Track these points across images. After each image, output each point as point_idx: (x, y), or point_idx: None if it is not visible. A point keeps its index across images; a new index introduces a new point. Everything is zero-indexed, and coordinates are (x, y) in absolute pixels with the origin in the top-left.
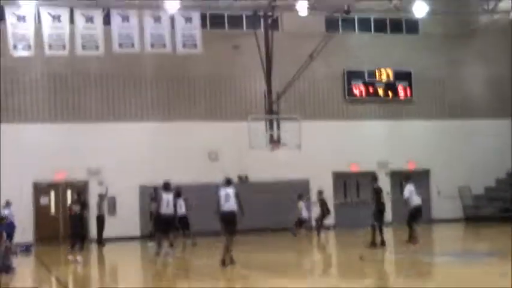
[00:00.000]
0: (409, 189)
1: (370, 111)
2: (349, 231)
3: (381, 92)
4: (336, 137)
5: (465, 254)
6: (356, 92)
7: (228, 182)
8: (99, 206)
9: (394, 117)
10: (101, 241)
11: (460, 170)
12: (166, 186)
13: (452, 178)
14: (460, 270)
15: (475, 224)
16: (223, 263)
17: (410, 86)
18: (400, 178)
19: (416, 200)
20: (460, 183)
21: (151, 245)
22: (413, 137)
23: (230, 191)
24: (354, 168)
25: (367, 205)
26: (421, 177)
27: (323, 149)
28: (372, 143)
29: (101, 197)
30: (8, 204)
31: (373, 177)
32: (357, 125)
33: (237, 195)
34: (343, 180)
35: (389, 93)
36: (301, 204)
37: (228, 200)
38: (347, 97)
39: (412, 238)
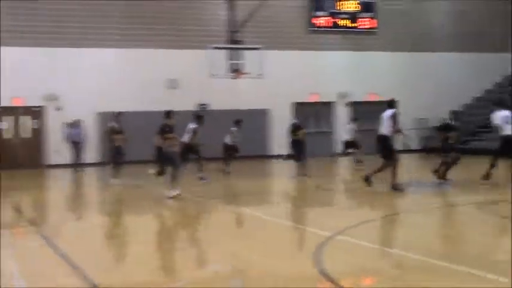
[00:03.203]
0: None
1: (332, 42)
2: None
3: (344, 22)
4: (297, 67)
5: (422, 183)
6: (319, 22)
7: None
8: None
9: (357, 48)
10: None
11: (420, 102)
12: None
13: (412, 110)
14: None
15: (431, 155)
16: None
17: (374, 17)
18: (357, 109)
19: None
20: (420, 115)
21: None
22: (376, 69)
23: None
24: (314, 99)
25: (325, 135)
26: (382, 109)
27: (284, 78)
28: (333, 73)
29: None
30: None
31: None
32: (319, 56)
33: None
34: (303, 111)
35: (353, 24)
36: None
37: (383, 124)
38: (310, 27)
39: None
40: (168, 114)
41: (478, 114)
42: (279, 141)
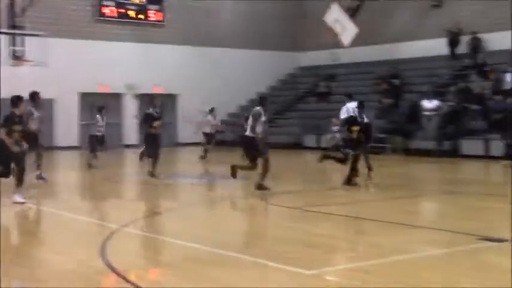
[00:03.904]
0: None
1: (121, 33)
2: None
3: (132, 14)
4: (84, 56)
5: (206, 177)
6: (107, 12)
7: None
8: None
9: (145, 40)
10: None
11: (207, 95)
12: None
13: (198, 103)
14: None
15: (216, 148)
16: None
17: (161, 10)
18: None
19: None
20: (206, 109)
21: None
22: (163, 62)
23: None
24: (102, 90)
25: (113, 126)
26: (168, 102)
27: (70, 68)
28: (121, 65)
29: None
30: None
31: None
32: (106, 46)
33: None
34: (89, 101)
35: (141, 15)
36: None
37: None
38: (98, 16)
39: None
40: (16, 101)
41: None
42: (64, 132)
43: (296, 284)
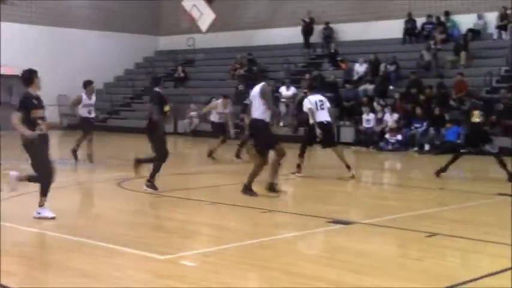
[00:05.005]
0: None
1: None
2: None
3: None
4: None
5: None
6: None
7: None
8: None
9: None
10: None
11: (60, 78)
12: None
13: (51, 86)
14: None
15: (71, 132)
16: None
17: None
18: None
19: None
20: (60, 92)
21: None
22: (11, 41)
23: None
24: None
25: None
26: (16, 83)
27: None
28: None
29: None
30: None
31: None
32: None
33: None
34: None
35: None
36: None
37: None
38: None
39: None
40: (29, 76)
41: (118, 92)
42: None
43: (150, 269)
